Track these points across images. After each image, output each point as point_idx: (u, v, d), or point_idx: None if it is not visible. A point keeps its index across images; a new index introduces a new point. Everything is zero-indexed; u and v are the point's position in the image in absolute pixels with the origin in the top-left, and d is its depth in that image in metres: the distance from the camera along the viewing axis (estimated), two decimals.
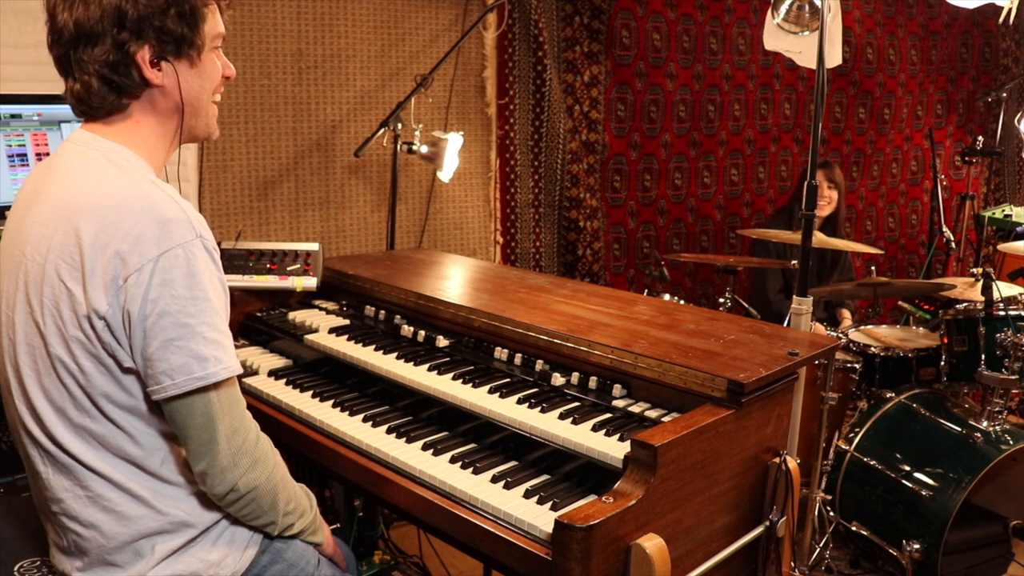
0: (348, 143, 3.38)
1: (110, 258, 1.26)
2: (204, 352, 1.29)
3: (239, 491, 1.38)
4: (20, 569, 1.49)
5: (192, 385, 1.30)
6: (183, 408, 1.32)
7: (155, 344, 1.27)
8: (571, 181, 3.85)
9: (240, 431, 1.38)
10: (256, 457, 1.40)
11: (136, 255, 1.26)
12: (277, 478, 1.45)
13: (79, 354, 1.30)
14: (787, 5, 2.68)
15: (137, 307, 1.26)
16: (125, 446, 1.36)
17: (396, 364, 1.96)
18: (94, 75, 1.33)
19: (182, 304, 1.28)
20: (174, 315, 1.27)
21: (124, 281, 1.26)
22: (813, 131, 2.30)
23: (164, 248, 1.26)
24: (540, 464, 1.65)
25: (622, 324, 1.92)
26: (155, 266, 1.26)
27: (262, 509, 1.43)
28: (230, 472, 1.36)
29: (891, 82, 5.00)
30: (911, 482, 2.74)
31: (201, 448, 1.34)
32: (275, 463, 1.46)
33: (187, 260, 1.28)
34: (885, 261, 5.15)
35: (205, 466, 1.34)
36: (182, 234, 1.28)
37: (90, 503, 1.37)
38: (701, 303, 4.44)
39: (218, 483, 1.36)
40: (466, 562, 2.83)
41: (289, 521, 1.50)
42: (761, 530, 1.71)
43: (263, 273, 2.35)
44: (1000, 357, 2.82)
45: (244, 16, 3.08)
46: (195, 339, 1.29)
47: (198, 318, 1.29)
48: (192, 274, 1.28)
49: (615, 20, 3.90)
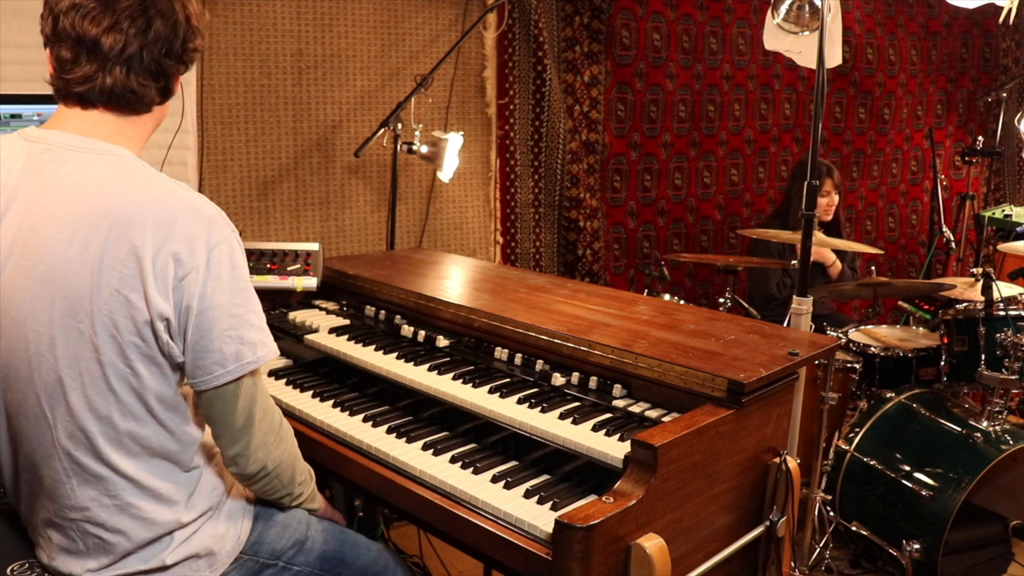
0: (348, 143, 3.38)
1: (167, 259, 1.31)
2: (253, 338, 1.39)
3: (267, 469, 1.48)
4: (12, 571, 1.49)
5: (244, 370, 1.38)
6: (228, 394, 1.39)
7: (210, 335, 1.35)
8: (571, 181, 3.86)
9: (269, 411, 1.48)
10: (281, 435, 1.51)
11: (189, 255, 1.32)
12: (295, 452, 1.57)
13: (134, 359, 1.34)
14: (787, 5, 2.68)
15: (196, 302, 1.33)
16: (165, 443, 1.42)
17: (396, 364, 1.96)
18: (154, 75, 1.40)
19: (231, 296, 1.36)
20: (226, 307, 1.36)
21: (181, 280, 1.32)
22: (813, 131, 2.30)
23: (212, 245, 1.35)
24: (540, 464, 1.65)
25: (622, 324, 1.92)
26: (207, 263, 1.34)
27: (282, 483, 1.54)
28: (262, 451, 1.46)
29: (891, 82, 5.00)
30: (911, 482, 2.74)
31: (239, 431, 1.42)
32: (293, 439, 1.57)
33: (230, 254, 1.37)
34: (885, 261, 5.15)
35: (241, 448, 1.43)
36: (223, 231, 1.37)
37: (118, 511, 1.41)
38: (701, 303, 4.44)
39: (251, 463, 1.45)
40: (466, 562, 2.83)
41: (300, 491, 1.61)
42: (761, 530, 1.71)
43: (263, 273, 2.35)
44: (1000, 357, 2.82)
45: (244, 16, 3.08)
46: (245, 327, 1.38)
47: (245, 307, 1.39)
48: (235, 266, 1.38)
49: (615, 20, 3.90)
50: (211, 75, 3.03)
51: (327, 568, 1.62)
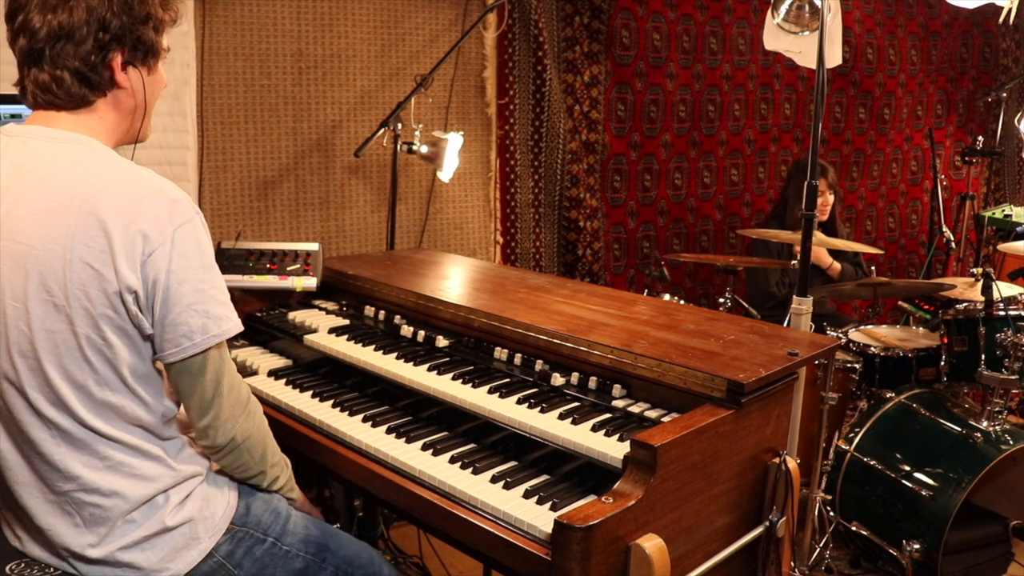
0: (348, 143, 3.38)
1: (135, 236, 1.38)
2: (218, 312, 1.46)
3: (237, 440, 1.54)
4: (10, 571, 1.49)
5: (211, 343, 1.45)
6: (195, 366, 1.46)
7: (177, 309, 1.42)
8: (571, 181, 3.86)
9: (236, 385, 1.54)
10: (249, 408, 1.56)
11: (157, 232, 1.40)
12: (265, 429, 1.62)
13: (107, 329, 1.40)
14: (787, 5, 2.68)
15: (163, 277, 1.40)
16: (140, 414, 1.47)
17: (396, 364, 1.96)
18: (68, 69, 1.44)
19: (196, 272, 1.43)
20: (192, 282, 1.43)
21: (149, 256, 1.39)
22: (813, 131, 2.30)
23: (177, 224, 1.42)
24: (540, 464, 1.65)
25: (622, 324, 1.92)
26: (173, 240, 1.41)
27: (254, 459, 1.59)
28: (231, 422, 1.52)
29: (891, 82, 5.00)
30: (911, 482, 2.74)
31: (207, 403, 1.49)
32: (261, 415, 1.62)
33: (194, 234, 1.44)
34: (885, 261, 5.15)
35: (210, 419, 1.50)
36: (187, 212, 1.44)
37: (110, 471, 1.45)
38: (701, 303, 4.44)
39: (220, 434, 1.51)
40: (466, 562, 2.83)
41: (275, 474, 1.66)
42: (761, 530, 1.71)
43: (263, 273, 2.35)
44: (1000, 357, 2.82)
45: (244, 16, 3.08)
46: (210, 302, 1.45)
47: (209, 283, 1.46)
48: (199, 245, 1.45)
49: (615, 20, 3.90)
50: (211, 75, 3.03)
51: (312, 552, 1.65)
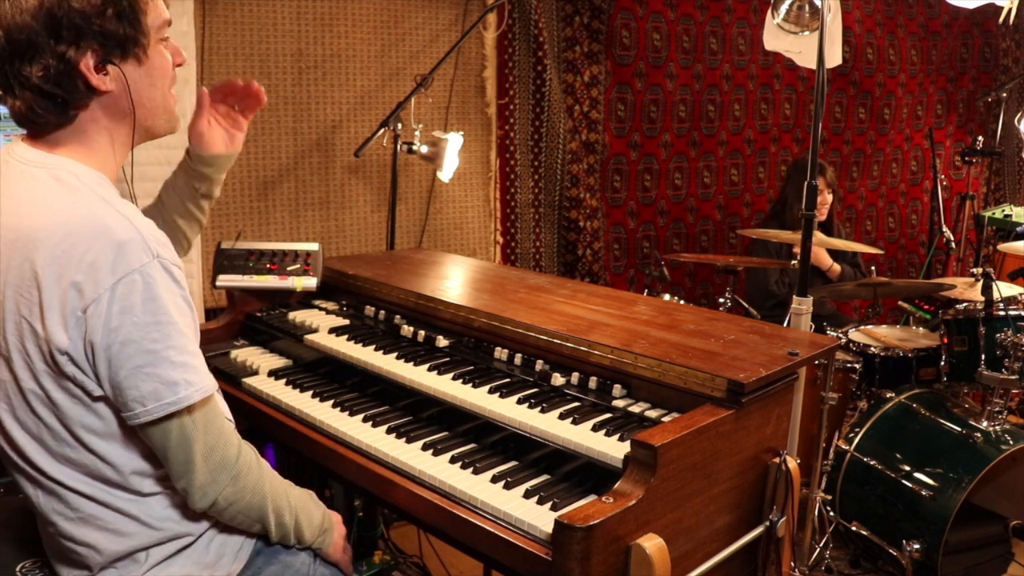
0: (348, 143, 3.38)
1: (66, 290, 1.21)
2: (173, 376, 1.26)
3: (220, 505, 1.37)
4: (22, 569, 1.49)
5: (164, 411, 1.27)
6: (158, 432, 1.30)
7: (123, 373, 1.24)
8: (571, 181, 3.86)
9: (218, 448, 1.36)
10: (237, 471, 1.38)
11: (92, 284, 1.21)
12: (263, 491, 1.44)
13: (50, 387, 1.27)
14: (787, 5, 2.68)
15: (99, 338, 1.22)
16: (107, 473, 1.34)
17: (396, 364, 1.96)
18: (35, 91, 1.26)
19: (145, 330, 1.23)
20: (138, 342, 1.23)
21: (83, 312, 1.21)
22: (813, 131, 2.30)
23: (120, 275, 1.22)
24: (540, 464, 1.65)
25: (622, 324, 1.92)
26: (113, 294, 1.21)
27: (250, 519, 1.44)
28: (210, 487, 1.35)
29: (891, 82, 5.00)
30: (911, 482, 2.74)
31: (180, 467, 1.33)
32: (260, 475, 1.44)
33: (145, 284, 1.23)
34: (885, 261, 5.15)
35: (185, 484, 1.34)
36: (138, 257, 1.23)
37: (82, 524, 1.36)
38: (701, 303, 4.44)
39: (199, 499, 1.35)
40: (466, 562, 2.82)
41: (284, 531, 1.50)
42: (761, 530, 1.71)
43: (263, 273, 2.35)
44: (1000, 357, 2.82)
45: (244, 16, 3.08)
46: (162, 364, 1.25)
47: (163, 343, 1.25)
48: (152, 298, 1.24)
49: (615, 20, 3.90)
50: (211, 75, 3.03)
51: None
